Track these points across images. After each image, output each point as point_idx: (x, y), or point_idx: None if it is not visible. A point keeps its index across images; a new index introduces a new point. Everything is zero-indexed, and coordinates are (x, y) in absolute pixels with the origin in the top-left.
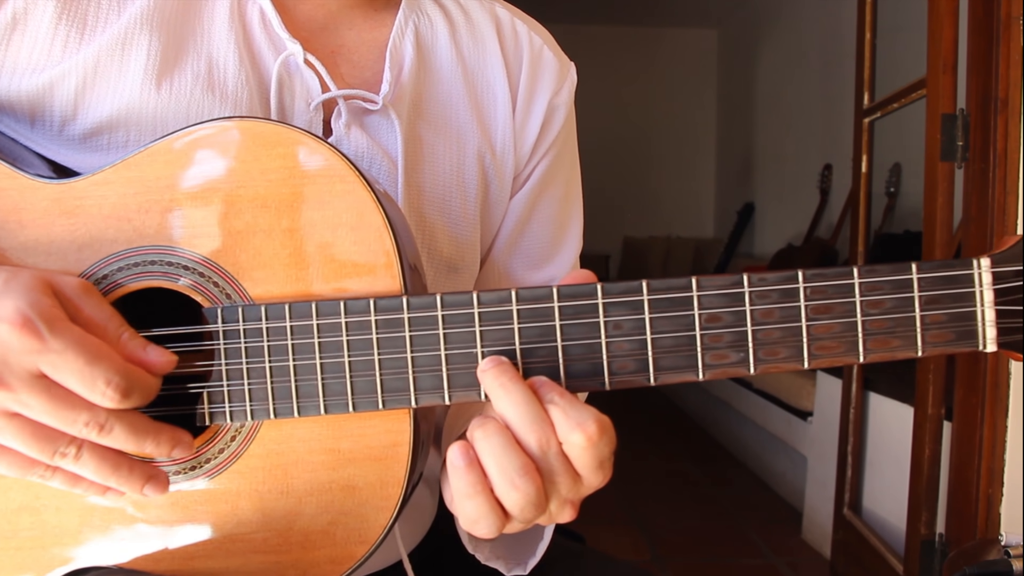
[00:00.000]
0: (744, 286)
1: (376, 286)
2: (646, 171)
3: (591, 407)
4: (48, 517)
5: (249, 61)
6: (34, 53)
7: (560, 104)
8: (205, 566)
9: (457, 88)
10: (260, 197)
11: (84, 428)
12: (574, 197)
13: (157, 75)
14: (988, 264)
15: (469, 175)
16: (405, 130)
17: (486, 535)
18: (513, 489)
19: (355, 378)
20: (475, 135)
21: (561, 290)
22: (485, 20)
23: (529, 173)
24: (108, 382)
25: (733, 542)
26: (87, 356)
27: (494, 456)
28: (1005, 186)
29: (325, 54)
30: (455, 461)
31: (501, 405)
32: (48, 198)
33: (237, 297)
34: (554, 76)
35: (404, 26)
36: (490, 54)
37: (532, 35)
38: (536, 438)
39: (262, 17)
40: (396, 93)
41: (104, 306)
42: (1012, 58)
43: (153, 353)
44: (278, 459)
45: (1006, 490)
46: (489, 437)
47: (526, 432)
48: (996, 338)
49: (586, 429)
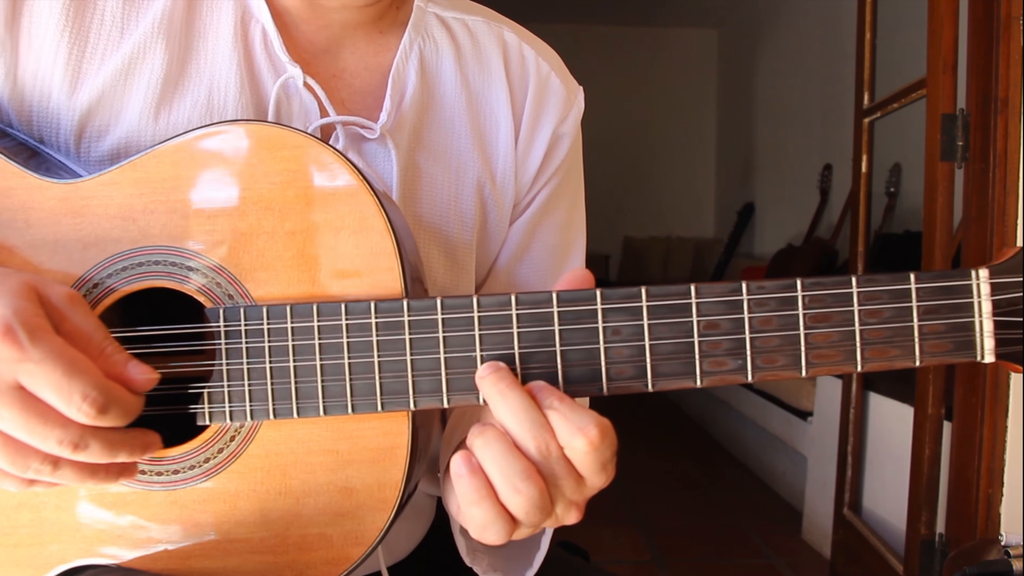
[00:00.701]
0: (743, 294)
1: (377, 289)
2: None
3: (591, 411)
4: (47, 514)
5: (249, 84)
6: (38, 73)
7: (565, 133)
8: (202, 565)
9: (460, 116)
10: (264, 199)
11: (58, 446)
12: (577, 224)
13: (156, 105)
14: (987, 275)
15: (467, 204)
16: (402, 159)
17: (495, 541)
18: (516, 494)
19: (354, 380)
20: (475, 164)
21: (561, 295)
22: (492, 44)
23: (530, 200)
24: (85, 397)
25: (733, 542)
26: (65, 368)
27: (495, 462)
28: (1005, 186)
29: (326, 77)
30: (458, 470)
31: (500, 412)
32: (55, 197)
33: (240, 298)
34: (560, 104)
35: (408, 51)
36: (495, 80)
37: (540, 61)
38: (535, 444)
39: (264, 37)
40: (396, 121)
41: (90, 317)
42: (1012, 58)
43: (135, 370)
44: (277, 460)
45: (1006, 490)
46: (489, 444)
47: (525, 438)
48: (994, 349)
49: (587, 434)
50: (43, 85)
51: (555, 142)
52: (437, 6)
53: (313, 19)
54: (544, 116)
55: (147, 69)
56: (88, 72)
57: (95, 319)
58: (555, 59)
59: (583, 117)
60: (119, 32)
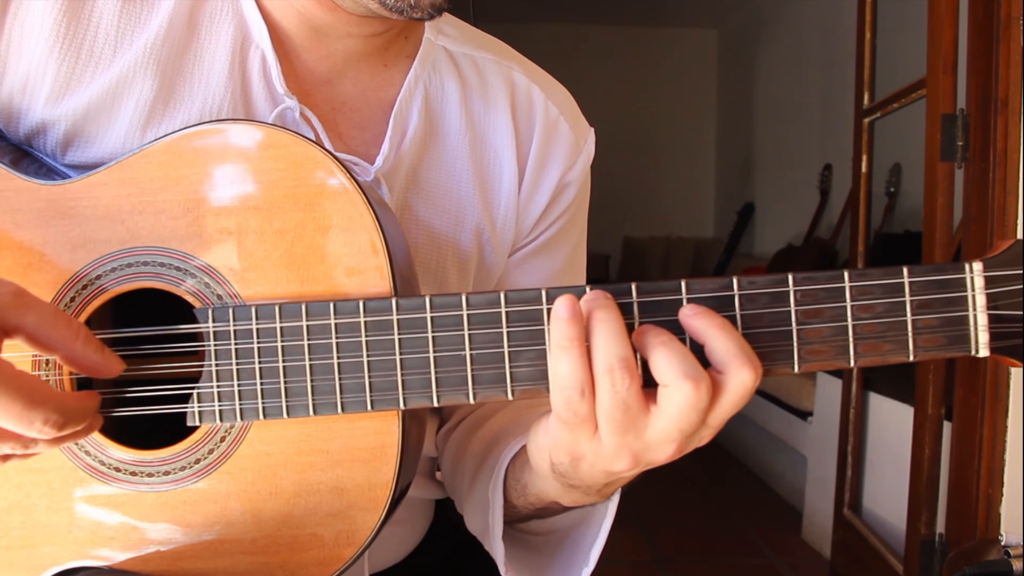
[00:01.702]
0: (733, 289)
1: (366, 288)
2: (646, 171)
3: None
4: (39, 516)
5: (244, 111)
6: (27, 83)
7: (572, 181)
8: (194, 566)
9: (462, 158)
10: (252, 198)
11: (8, 450)
12: (577, 266)
13: (143, 126)
14: (980, 268)
15: (465, 248)
16: (397, 202)
17: (564, 434)
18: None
19: (344, 379)
20: (475, 208)
21: (549, 293)
22: (499, 85)
23: (530, 241)
24: (46, 421)
25: (733, 542)
26: (25, 402)
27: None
28: (1005, 186)
29: (326, 110)
30: (562, 312)
31: (716, 344)
32: (43, 199)
33: (228, 298)
34: (568, 150)
35: (414, 87)
36: (500, 122)
37: (549, 104)
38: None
39: (263, 65)
40: (394, 163)
41: (46, 307)
42: (1012, 58)
43: (110, 358)
44: (267, 460)
45: (1006, 490)
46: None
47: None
48: (989, 343)
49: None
50: (31, 95)
51: (561, 190)
52: (448, 39)
53: (316, 48)
54: (550, 162)
55: (136, 92)
56: (78, 86)
57: (52, 307)
58: (566, 101)
59: (584, 116)
60: (112, 50)
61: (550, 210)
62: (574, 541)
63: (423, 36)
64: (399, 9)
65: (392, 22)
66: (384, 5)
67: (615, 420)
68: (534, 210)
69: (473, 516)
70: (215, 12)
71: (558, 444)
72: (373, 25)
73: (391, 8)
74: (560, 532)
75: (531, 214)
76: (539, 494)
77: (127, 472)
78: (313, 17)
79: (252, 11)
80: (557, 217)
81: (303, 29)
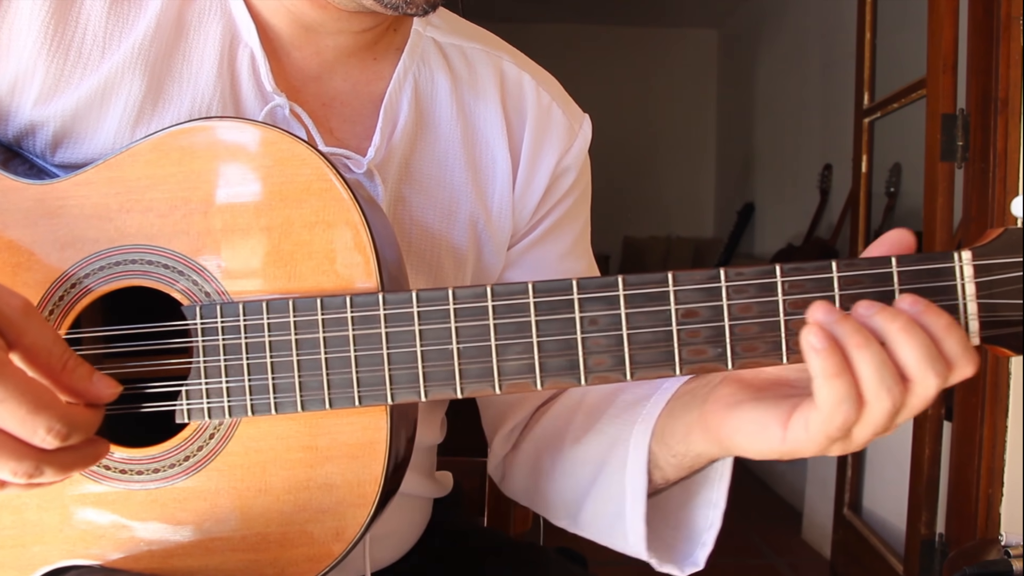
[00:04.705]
0: (721, 280)
1: (353, 284)
2: (646, 171)
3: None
4: (29, 516)
5: (233, 110)
6: (16, 84)
7: (570, 165)
8: (184, 564)
9: (454, 149)
10: (239, 195)
11: (12, 476)
12: (583, 253)
13: (132, 126)
14: (969, 257)
15: (460, 239)
16: (390, 194)
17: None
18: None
19: (332, 375)
20: (469, 199)
21: (536, 285)
22: (488, 76)
23: (532, 228)
24: (49, 430)
25: (733, 542)
26: (29, 406)
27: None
28: (1005, 186)
29: (316, 106)
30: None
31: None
32: (31, 199)
33: (216, 295)
34: (562, 135)
35: (403, 79)
36: (491, 112)
37: (541, 91)
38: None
39: (252, 63)
40: (385, 155)
41: (47, 329)
42: (1012, 58)
43: (99, 384)
44: (256, 457)
45: (1006, 490)
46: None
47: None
48: (979, 332)
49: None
50: (20, 97)
51: (559, 175)
52: (436, 31)
53: (306, 44)
54: (545, 148)
55: (124, 92)
56: (67, 87)
57: (53, 331)
58: (557, 89)
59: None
60: (100, 51)
61: (549, 195)
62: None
63: (411, 28)
64: (394, 5)
65: (382, 17)
66: (379, 1)
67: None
68: (532, 197)
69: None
70: (203, 12)
71: (792, 446)
72: (364, 21)
73: (386, 4)
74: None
75: (529, 201)
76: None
77: (117, 470)
78: (303, 15)
79: (240, 10)
80: (558, 202)
81: (293, 27)
